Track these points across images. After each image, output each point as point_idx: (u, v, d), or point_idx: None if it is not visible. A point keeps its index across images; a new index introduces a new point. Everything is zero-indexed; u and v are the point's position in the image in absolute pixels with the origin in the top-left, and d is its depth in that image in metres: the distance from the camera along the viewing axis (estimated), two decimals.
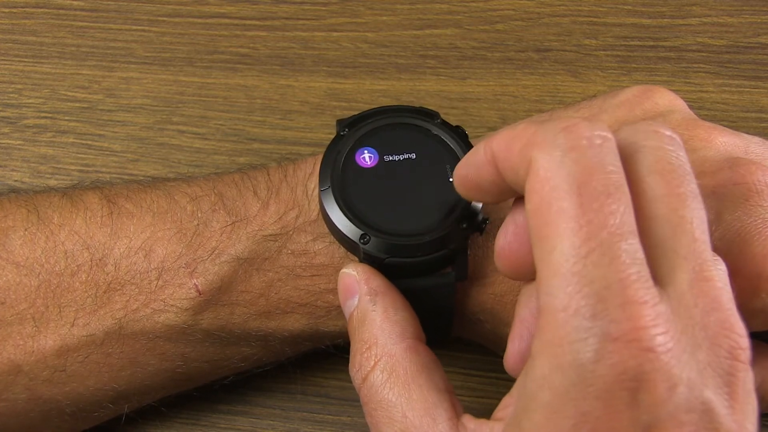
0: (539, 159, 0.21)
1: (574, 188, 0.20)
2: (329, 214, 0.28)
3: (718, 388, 0.20)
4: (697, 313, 0.20)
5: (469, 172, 0.25)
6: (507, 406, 0.24)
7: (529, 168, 0.21)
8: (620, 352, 0.19)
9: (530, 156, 0.21)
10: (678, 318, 0.20)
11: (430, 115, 0.30)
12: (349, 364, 0.27)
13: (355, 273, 0.27)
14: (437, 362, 0.26)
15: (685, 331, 0.20)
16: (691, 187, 0.22)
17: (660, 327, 0.19)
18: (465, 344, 0.34)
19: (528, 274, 0.24)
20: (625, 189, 0.21)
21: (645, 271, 0.20)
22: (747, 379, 0.20)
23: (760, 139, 0.30)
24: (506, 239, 0.24)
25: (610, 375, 0.19)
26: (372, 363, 0.26)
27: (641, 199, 0.21)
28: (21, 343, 0.28)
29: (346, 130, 0.30)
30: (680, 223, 0.21)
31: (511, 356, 0.25)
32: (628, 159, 0.22)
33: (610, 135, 0.21)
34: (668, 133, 0.23)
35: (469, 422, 0.24)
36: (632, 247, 0.20)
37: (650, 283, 0.20)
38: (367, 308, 0.27)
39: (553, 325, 0.20)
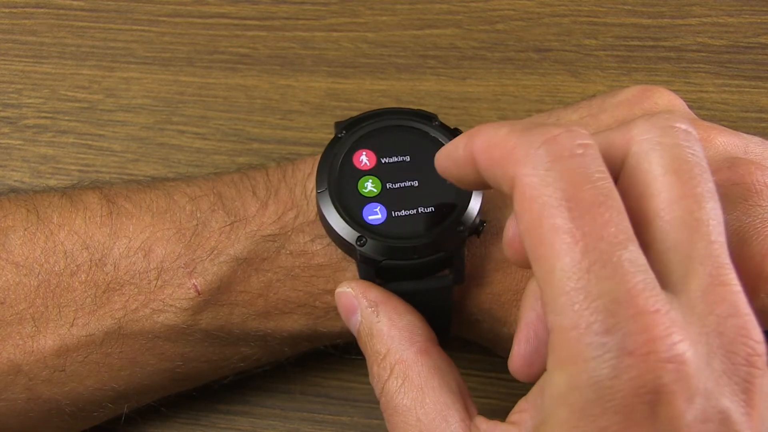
0: (523, 177, 0.20)
1: (563, 203, 0.20)
2: (326, 216, 0.28)
3: (734, 395, 0.19)
4: (712, 320, 0.20)
5: (449, 166, 0.24)
6: (522, 410, 0.23)
7: (514, 186, 0.21)
8: (638, 366, 0.19)
9: (513, 173, 0.21)
10: (692, 326, 0.20)
11: (428, 117, 0.30)
12: (369, 377, 0.27)
13: (350, 289, 0.28)
14: (450, 363, 0.27)
15: (700, 339, 0.19)
16: (708, 186, 0.21)
17: (675, 336, 0.19)
18: (465, 344, 0.34)
19: None
20: (615, 194, 0.20)
21: (651, 278, 0.19)
22: (764, 384, 0.20)
23: (760, 138, 0.30)
24: (515, 229, 0.24)
25: (629, 389, 0.19)
26: (388, 372, 0.26)
27: (657, 201, 0.21)
28: (20, 343, 0.28)
29: (344, 132, 0.30)
30: (696, 226, 0.21)
31: (516, 359, 0.25)
32: (643, 157, 0.22)
33: (590, 141, 0.21)
34: (684, 127, 0.22)
35: (482, 423, 0.24)
36: (634, 255, 0.19)
37: (658, 289, 0.19)
38: (371, 321, 0.27)
39: (565, 344, 0.19)
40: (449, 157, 0.24)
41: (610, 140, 0.23)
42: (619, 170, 0.22)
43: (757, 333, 0.20)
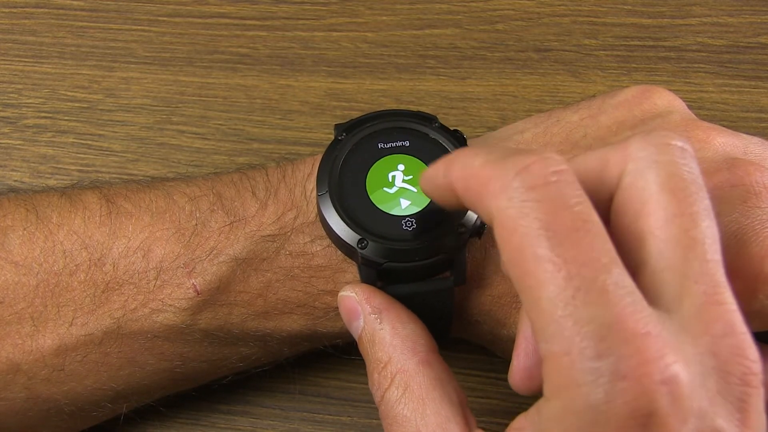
0: (501, 210, 0.20)
1: (542, 232, 0.20)
2: (327, 218, 0.28)
3: (729, 415, 0.19)
4: (707, 339, 0.20)
5: (432, 192, 0.25)
6: (521, 428, 0.23)
7: (493, 219, 0.21)
8: (631, 389, 0.19)
9: (490, 207, 0.21)
10: (686, 345, 0.19)
11: (428, 119, 0.30)
12: (369, 383, 0.27)
13: (354, 294, 0.27)
14: (450, 373, 0.26)
15: (694, 359, 0.19)
16: (704, 204, 0.21)
17: (668, 357, 0.19)
18: (465, 344, 0.34)
19: None
20: (594, 217, 0.20)
21: (639, 299, 0.19)
22: (759, 402, 0.20)
23: (759, 139, 0.30)
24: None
25: (624, 413, 0.19)
26: (388, 381, 0.26)
27: (652, 219, 0.21)
28: (20, 342, 0.28)
29: (344, 134, 0.30)
30: (691, 245, 0.21)
31: (516, 372, 0.25)
32: (639, 174, 0.22)
33: (564, 166, 0.21)
34: (680, 144, 0.22)
35: None
36: (618, 277, 0.19)
37: (648, 310, 0.19)
38: (374, 327, 0.27)
39: (558, 371, 0.19)
40: (431, 183, 0.24)
41: (607, 157, 0.23)
42: (615, 188, 0.22)
43: (752, 352, 0.20)
